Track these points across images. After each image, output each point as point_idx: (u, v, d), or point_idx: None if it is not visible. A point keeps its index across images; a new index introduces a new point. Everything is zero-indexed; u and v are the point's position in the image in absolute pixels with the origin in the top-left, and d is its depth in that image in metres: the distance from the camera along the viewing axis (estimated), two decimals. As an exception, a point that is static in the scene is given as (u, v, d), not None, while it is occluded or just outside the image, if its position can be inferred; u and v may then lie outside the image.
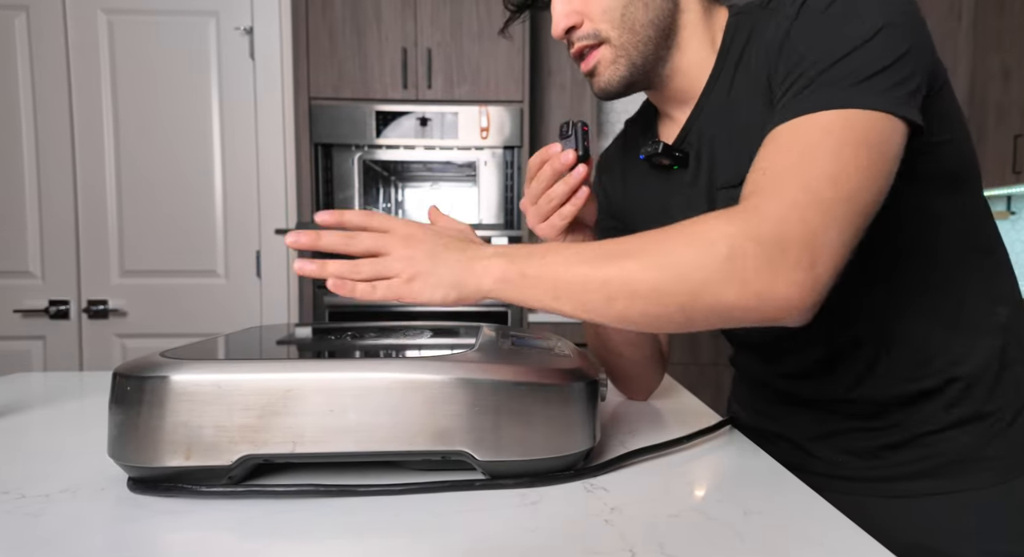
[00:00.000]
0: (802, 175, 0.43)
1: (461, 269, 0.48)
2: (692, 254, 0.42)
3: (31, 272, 2.00)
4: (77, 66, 1.98)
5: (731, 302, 0.42)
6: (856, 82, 0.45)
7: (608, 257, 0.45)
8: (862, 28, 0.46)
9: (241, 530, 0.39)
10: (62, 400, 0.76)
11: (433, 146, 2.06)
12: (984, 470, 0.56)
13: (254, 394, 0.43)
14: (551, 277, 0.46)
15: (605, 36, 0.57)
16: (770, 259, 0.41)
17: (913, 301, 0.56)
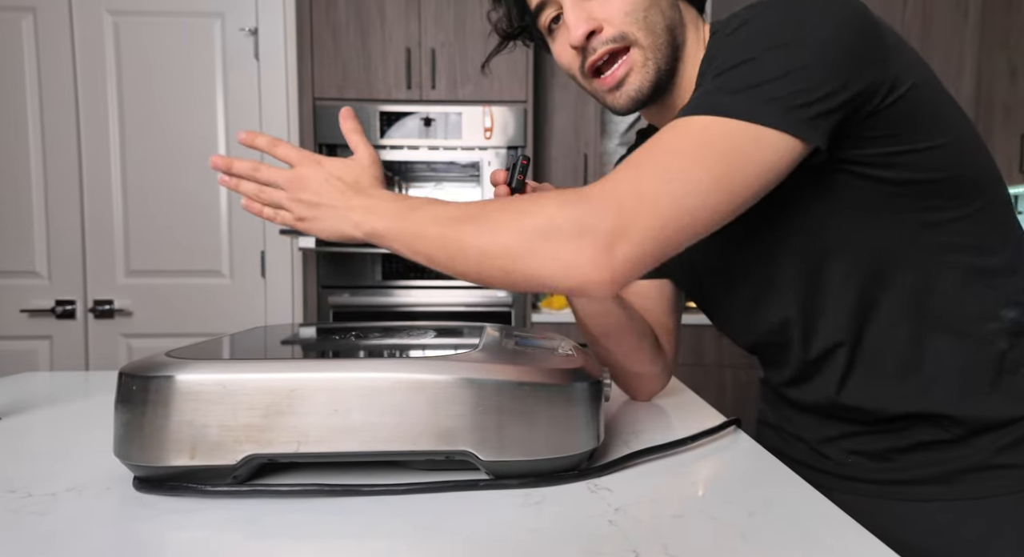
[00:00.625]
0: (639, 166, 0.47)
1: (337, 220, 0.54)
2: (515, 225, 0.48)
3: (37, 272, 2.01)
4: (83, 67, 1.99)
5: (541, 271, 0.47)
6: (732, 92, 0.46)
7: (455, 220, 0.50)
8: (755, 46, 0.47)
9: (246, 529, 0.39)
10: (68, 399, 0.77)
11: (437, 146, 2.06)
12: (996, 478, 0.55)
13: (259, 394, 0.43)
14: (409, 235, 0.51)
15: (632, 38, 0.56)
16: (575, 237, 0.46)
17: (893, 306, 0.55)
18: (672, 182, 0.45)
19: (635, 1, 0.56)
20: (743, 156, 0.45)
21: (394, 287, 2.07)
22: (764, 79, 0.46)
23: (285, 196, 0.55)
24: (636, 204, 0.45)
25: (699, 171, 0.45)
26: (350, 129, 0.60)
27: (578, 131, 2.28)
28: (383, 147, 2.06)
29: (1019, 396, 0.54)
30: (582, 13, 0.56)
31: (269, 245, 2.07)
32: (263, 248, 2.07)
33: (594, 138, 2.29)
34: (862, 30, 0.48)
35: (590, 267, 0.46)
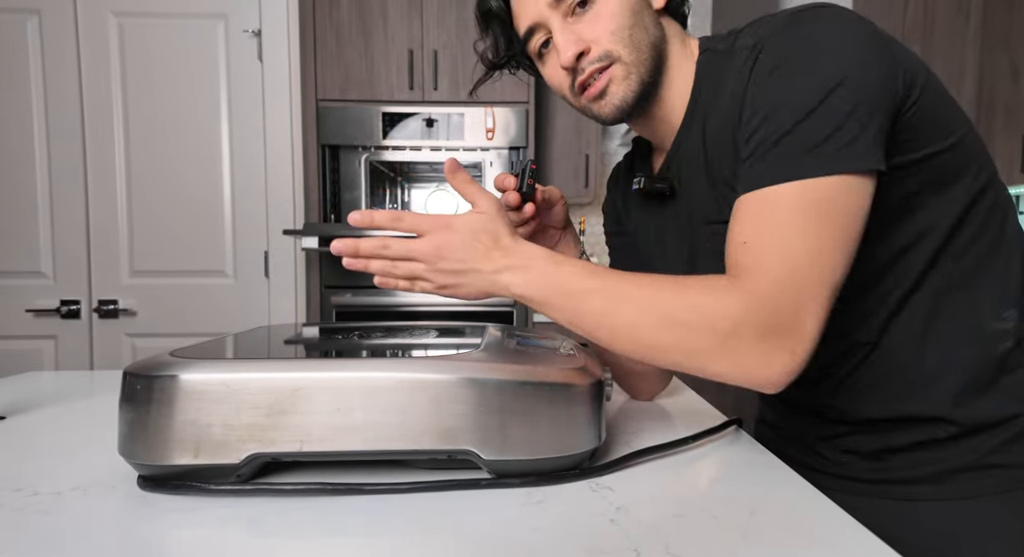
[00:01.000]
0: (784, 257, 0.47)
1: (487, 285, 0.53)
2: (697, 324, 0.47)
3: (43, 272, 2.02)
4: (88, 68, 2.00)
5: (720, 372, 0.49)
6: (810, 149, 0.48)
7: (623, 300, 0.49)
8: (810, 93, 0.48)
9: (249, 528, 0.40)
10: (73, 399, 0.77)
11: (439, 147, 2.06)
12: (988, 478, 0.55)
13: (262, 393, 0.44)
14: (570, 309, 0.51)
15: (616, 55, 0.58)
16: (763, 344, 0.47)
17: (904, 309, 0.56)
18: (817, 265, 0.47)
19: (620, 21, 0.58)
20: (851, 210, 0.48)
21: (396, 288, 2.07)
22: (831, 130, 0.47)
23: (424, 268, 0.53)
24: (804, 298, 0.47)
25: (830, 247, 0.47)
26: (462, 181, 0.57)
27: (580, 132, 2.28)
28: (385, 148, 2.06)
29: (1014, 396, 0.55)
30: (571, 35, 0.59)
31: (272, 245, 2.08)
32: (266, 248, 2.08)
33: (596, 139, 2.29)
34: (878, 48, 0.50)
35: (775, 374, 0.47)
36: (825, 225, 0.47)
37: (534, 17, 0.61)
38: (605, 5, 0.58)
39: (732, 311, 0.47)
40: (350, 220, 0.53)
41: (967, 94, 2.20)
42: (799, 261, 0.47)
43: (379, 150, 2.06)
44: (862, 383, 0.58)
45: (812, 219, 0.47)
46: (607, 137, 2.56)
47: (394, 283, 0.55)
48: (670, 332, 0.48)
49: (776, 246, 0.48)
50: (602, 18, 0.58)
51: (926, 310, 0.55)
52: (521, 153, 2.11)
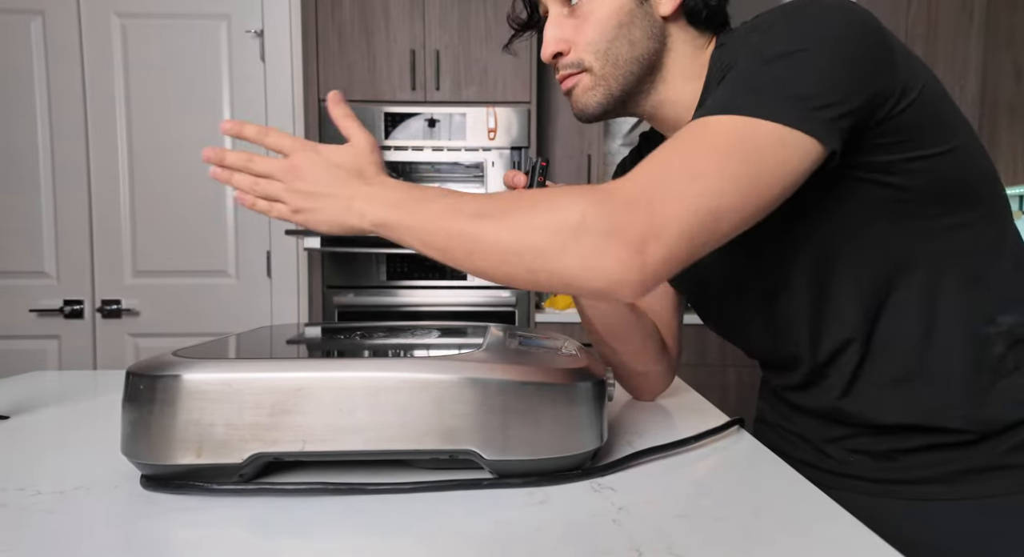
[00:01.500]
0: (667, 164, 0.45)
1: (340, 210, 0.51)
2: (543, 223, 0.45)
3: (46, 272, 2.03)
4: (91, 69, 2.00)
5: (569, 271, 0.45)
6: (755, 91, 0.46)
7: (474, 216, 0.47)
8: (785, 45, 0.47)
9: (252, 527, 0.40)
10: (76, 398, 0.77)
11: (441, 147, 2.07)
12: (1002, 478, 0.55)
13: (265, 393, 0.44)
14: (421, 228, 0.49)
15: (588, 65, 0.58)
16: (606, 237, 0.43)
17: (899, 311, 0.55)
18: (701, 183, 0.44)
19: (601, 33, 0.57)
20: (769, 157, 0.44)
21: (399, 287, 2.07)
22: (786, 81, 0.45)
23: (281, 187, 0.52)
24: (667, 205, 0.43)
25: (728, 172, 0.44)
26: (341, 114, 0.57)
27: (582, 132, 2.28)
28: (388, 148, 2.06)
29: (1019, 400, 0.54)
30: (557, 31, 0.58)
31: (275, 245, 2.08)
32: (269, 248, 2.08)
33: (598, 139, 2.29)
34: (872, 38, 0.48)
35: (620, 269, 0.44)
36: (741, 160, 0.44)
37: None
38: (594, 8, 0.57)
39: (581, 205, 0.44)
40: (221, 127, 0.54)
41: (971, 93, 2.19)
42: (680, 176, 0.44)
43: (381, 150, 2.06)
44: (863, 387, 0.58)
45: (723, 147, 0.44)
46: (609, 137, 2.55)
47: (251, 201, 0.54)
48: (519, 235, 0.45)
49: (668, 157, 0.46)
50: (587, 24, 0.57)
51: (922, 312, 0.54)
52: (523, 153, 2.11)
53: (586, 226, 0.43)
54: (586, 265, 0.44)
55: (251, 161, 0.53)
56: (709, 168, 0.44)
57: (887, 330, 0.55)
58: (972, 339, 0.54)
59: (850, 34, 0.47)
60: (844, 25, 0.47)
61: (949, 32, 2.20)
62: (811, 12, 0.49)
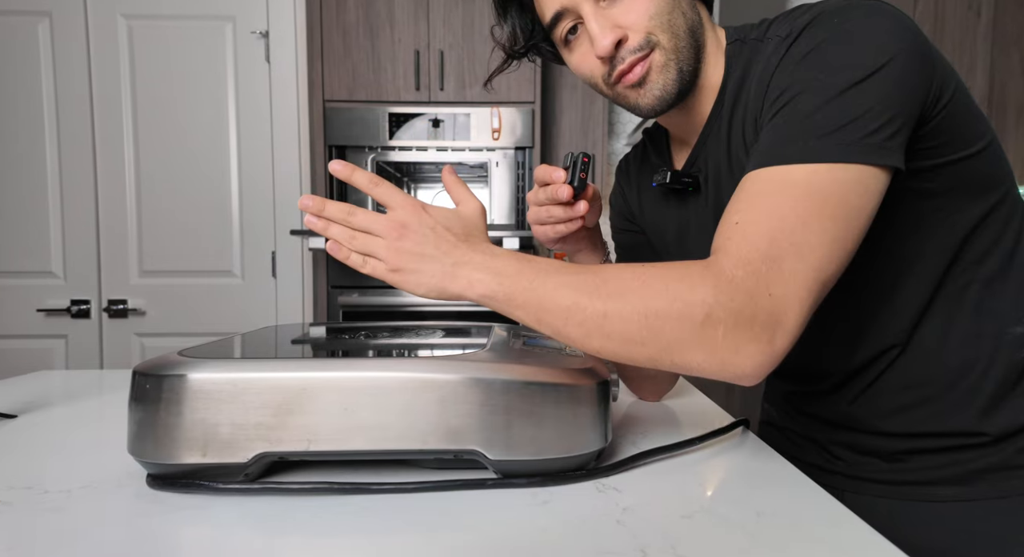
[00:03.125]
0: (772, 243, 0.44)
1: (445, 276, 0.48)
2: (669, 311, 0.44)
3: (53, 272, 2.04)
4: (98, 70, 2.01)
5: (696, 364, 0.45)
6: (827, 134, 0.45)
7: (592, 293, 0.45)
8: (839, 79, 0.46)
9: (257, 526, 0.40)
10: (83, 398, 0.78)
11: (445, 147, 2.07)
12: (1018, 478, 0.54)
13: (270, 392, 0.44)
14: (535, 304, 0.47)
15: (656, 41, 0.55)
16: (737, 333, 0.43)
17: (918, 315, 0.55)
18: (811, 258, 0.44)
19: (659, 4, 0.55)
20: (856, 207, 0.45)
21: (403, 288, 2.08)
22: (856, 117, 0.45)
23: (383, 244, 0.49)
24: (786, 289, 0.43)
25: (828, 238, 0.44)
26: (453, 182, 0.56)
27: (586, 132, 2.28)
28: (391, 148, 2.07)
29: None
30: (606, 22, 0.55)
31: (280, 246, 2.09)
32: (274, 249, 2.09)
33: (602, 138, 2.29)
34: (918, 47, 0.48)
35: (752, 363, 0.44)
36: (825, 215, 0.44)
37: (562, 2, 0.56)
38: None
39: (705, 296, 0.43)
40: (331, 168, 0.51)
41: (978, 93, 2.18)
42: (784, 248, 0.44)
43: (385, 150, 2.07)
44: (880, 392, 0.57)
45: (812, 206, 0.44)
46: (613, 137, 2.55)
47: (345, 254, 0.50)
48: (641, 322, 0.44)
49: (763, 229, 0.44)
50: (639, 2, 0.54)
51: (948, 315, 0.54)
52: (527, 153, 2.11)
53: (713, 319, 0.43)
54: (716, 359, 0.44)
55: (352, 214, 0.50)
56: (814, 240, 0.44)
57: (916, 330, 0.55)
58: (1000, 341, 0.54)
59: (900, 48, 0.47)
60: (895, 39, 0.47)
61: (956, 30, 2.19)
62: (860, 31, 0.47)
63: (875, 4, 0.49)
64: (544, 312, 0.46)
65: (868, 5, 0.49)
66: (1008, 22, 2.12)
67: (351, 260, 0.50)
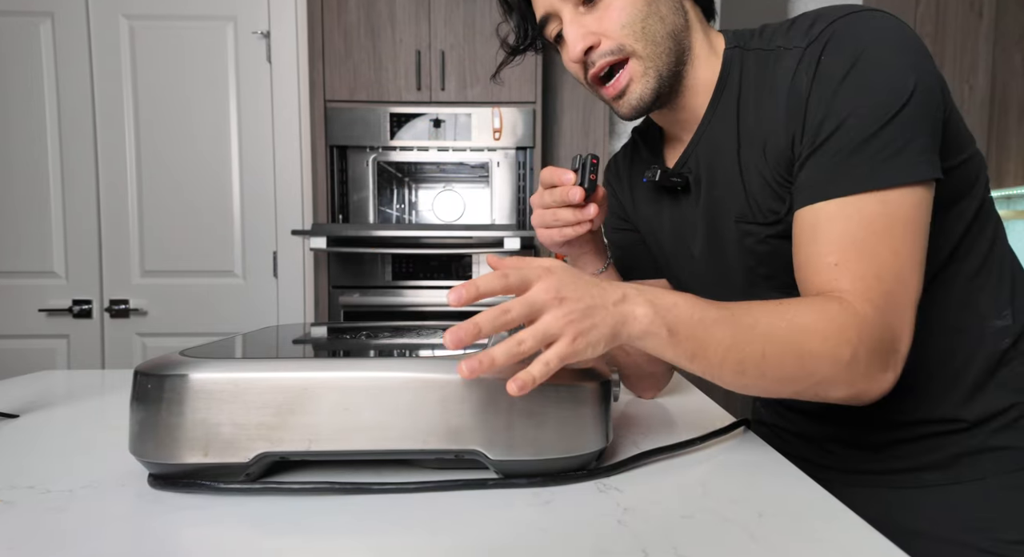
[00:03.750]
0: (880, 280, 0.48)
1: (615, 321, 0.44)
2: (823, 354, 0.47)
3: (55, 272, 2.04)
4: (100, 70, 2.02)
5: (837, 395, 0.48)
6: (888, 159, 0.48)
7: (748, 333, 0.46)
8: (887, 103, 0.48)
9: (258, 526, 0.40)
10: (85, 398, 0.78)
11: (446, 147, 2.07)
12: (992, 460, 0.57)
13: (271, 392, 0.44)
14: (696, 340, 0.45)
15: (630, 50, 0.57)
16: (872, 366, 0.48)
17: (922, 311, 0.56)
18: (911, 287, 0.49)
19: (632, 12, 0.56)
20: (923, 223, 0.49)
21: (404, 287, 2.08)
22: (906, 141, 0.48)
23: (553, 317, 0.42)
24: (902, 322, 0.49)
25: (914, 260, 0.49)
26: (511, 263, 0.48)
27: (587, 131, 2.28)
28: (393, 148, 2.07)
29: (1014, 387, 0.57)
30: (580, 29, 0.57)
31: (281, 246, 2.09)
32: (275, 249, 2.09)
33: (603, 138, 2.29)
34: (930, 60, 0.51)
35: (880, 390, 0.49)
36: (908, 240, 0.48)
37: (546, 7, 0.59)
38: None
39: (851, 339, 0.47)
40: (451, 300, 0.41)
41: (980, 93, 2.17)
42: (890, 282, 0.48)
43: (387, 150, 2.07)
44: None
45: (896, 235, 0.48)
46: (615, 137, 2.55)
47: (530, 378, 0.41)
48: (797, 362, 0.46)
49: (870, 268, 0.48)
50: (613, 9, 0.56)
51: (933, 309, 0.56)
52: (528, 153, 2.11)
53: (857, 358, 0.47)
54: (855, 390, 0.48)
55: (507, 313, 0.42)
56: (907, 268, 0.49)
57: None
58: (982, 333, 0.57)
59: (925, 64, 0.50)
60: (919, 55, 0.50)
61: (958, 31, 2.19)
62: (885, 53, 0.49)
63: (879, 15, 0.51)
64: (702, 348, 0.46)
65: (874, 15, 0.51)
66: (1010, 22, 2.12)
67: (535, 376, 0.41)
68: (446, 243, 2.01)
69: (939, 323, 0.56)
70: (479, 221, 2.18)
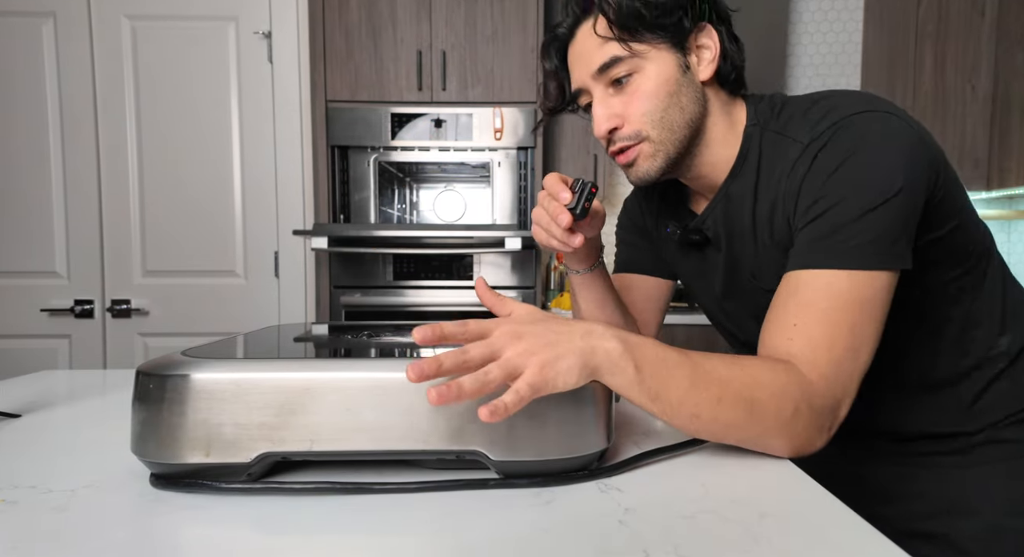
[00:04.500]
0: (832, 348, 0.52)
1: (583, 352, 0.46)
2: (768, 405, 0.50)
3: (57, 272, 2.05)
4: (102, 70, 2.02)
5: (775, 446, 0.52)
6: (861, 244, 0.53)
7: (707, 377, 0.50)
8: (871, 196, 0.54)
9: (259, 526, 0.40)
10: (87, 397, 0.78)
11: (447, 147, 2.07)
12: (998, 450, 0.64)
13: (272, 392, 0.44)
14: (659, 378, 0.48)
15: (645, 135, 0.63)
16: (811, 426, 0.52)
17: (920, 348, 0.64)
18: (858, 359, 0.53)
19: (654, 103, 0.62)
20: (883, 307, 0.54)
21: (405, 287, 2.08)
22: (884, 230, 0.53)
23: (512, 355, 0.43)
24: (845, 389, 0.53)
25: (868, 336, 0.53)
26: (492, 298, 0.52)
27: (588, 132, 2.27)
28: (394, 148, 2.07)
29: (1015, 395, 0.64)
30: (606, 110, 0.63)
31: (282, 246, 2.09)
32: (276, 249, 2.09)
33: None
34: (926, 153, 0.56)
35: (814, 448, 0.53)
36: (866, 319, 0.53)
37: (579, 83, 0.65)
38: (642, 83, 0.61)
39: (795, 397, 0.51)
40: (416, 338, 0.43)
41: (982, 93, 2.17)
42: (841, 353, 0.52)
43: (388, 151, 2.07)
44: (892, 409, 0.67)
45: (855, 312, 0.53)
46: (616, 137, 2.55)
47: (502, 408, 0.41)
48: (747, 410, 0.50)
49: (823, 335, 0.52)
50: (637, 97, 0.62)
51: (938, 343, 0.63)
52: (529, 153, 2.11)
53: (798, 414, 0.51)
54: (792, 445, 0.52)
55: (466, 352, 0.43)
56: (859, 342, 0.53)
57: (909, 363, 0.64)
58: (978, 360, 0.63)
59: (916, 163, 0.55)
60: (912, 155, 0.55)
61: (960, 30, 2.18)
62: (880, 155, 0.54)
63: (887, 119, 0.55)
64: (664, 388, 0.48)
65: (882, 119, 0.55)
66: (1012, 22, 2.11)
67: (507, 406, 0.41)
68: (447, 243, 2.01)
69: (948, 352, 0.63)
70: (480, 221, 2.18)
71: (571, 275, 0.77)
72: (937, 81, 2.20)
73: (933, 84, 2.20)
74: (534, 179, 2.10)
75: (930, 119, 2.20)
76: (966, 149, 2.19)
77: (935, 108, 2.20)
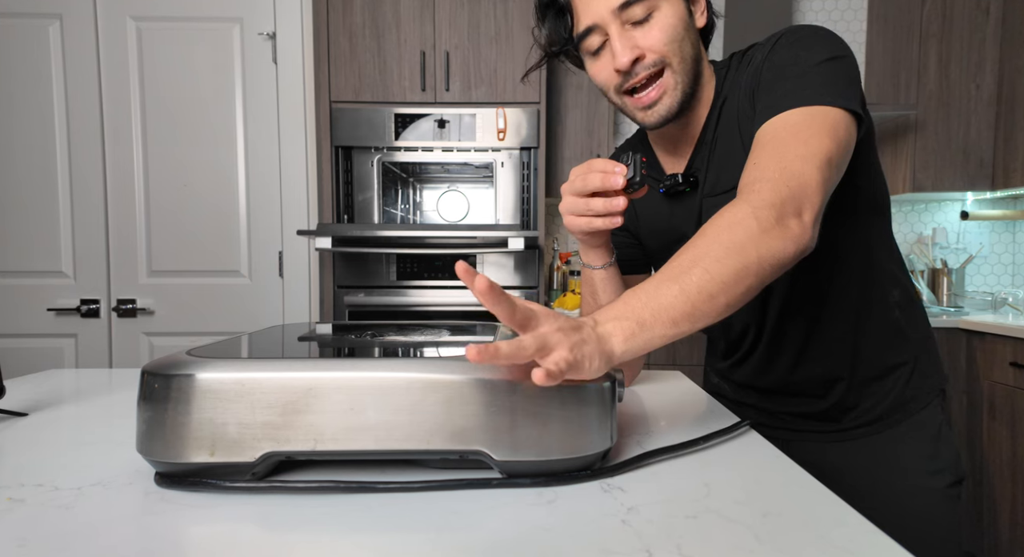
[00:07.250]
0: (781, 159, 0.56)
1: (597, 337, 0.47)
2: (740, 237, 0.52)
3: (63, 272, 2.06)
4: (107, 71, 2.03)
5: (787, 254, 0.53)
6: (817, 85, 0.60)
7: (685, 273, 0.50)
8: (822, 54, 0.62)
9: (264, 524, 0.40)
10: (93, 396, 0.79)
11: (451, 148, 2.07)
12: (903, 411, 0.75)
13: (276, 392, 0.44)
14: (662, 312, 0.49)
15: (668, 62, 0.67)
16: (780, 217, 0.53)
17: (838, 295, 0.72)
18: (808, 159, 0.56)
19: (673, 33, 0.66)
20: (843, 137, 0.58)
21: (408, 287, 2.08)
22: (837, 77, 0.60)
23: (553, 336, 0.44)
24: (797, 180, 0.55)
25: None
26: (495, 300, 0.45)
27: (591, 132, 2.27)
28: (397, 149, 2.07)
29: (905, 339, 0.74)
30: (628, 41, 0.66)
31: (286, 246, 2.10)
32: (281, 249, 2.10)
33: (607, 138, 2.28)
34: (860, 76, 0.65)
35: (804, 239, 0.54)
36: (821, 136, 0.56)
37: (594, 18, 0.67)
38: (662, 18, 0.66)
39: (747, 209, 0.53)
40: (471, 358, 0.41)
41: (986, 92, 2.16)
42: (790, 159, 0.55)
43: (391, 151, 2.07)
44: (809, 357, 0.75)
45: (810, 133, 0.56)
46: (618, 137, 2.55)
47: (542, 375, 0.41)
48: (736, 255, 0.51)
49: (773, 155, 0.56)
50: (657, 29, 0.66)
51: (854, 295, 0.72)
52: (533, 153, 2.11)
53: (765, 219, 0.52)
54: (791, 247, 0.53)
55: (521, 342, 0.42)
56: (814, 143, 0.56)
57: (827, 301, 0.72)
58: (886, 307, 0.73)
59: (852, 55, 0.64)
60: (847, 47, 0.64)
61: (964, 30, 2.17)
62: (824, 33, 0.64)
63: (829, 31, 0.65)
64: (670, 312, 0.49)
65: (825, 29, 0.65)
66: (1017, 20, 2.10)
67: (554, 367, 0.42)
68: (450, 243, 2.01)
69: (863, 301, 0.72)
70: (483, 221, 2.18)
71: (591, 272, 0.77)
72: (941, 81, 2.19)
73: (937, 84, 2.19)
74: (537, 179, 2.10)
75: (934, 119, 2.19)
76: (971, 149, 2.18)
77: (939, 108, 2.19)
